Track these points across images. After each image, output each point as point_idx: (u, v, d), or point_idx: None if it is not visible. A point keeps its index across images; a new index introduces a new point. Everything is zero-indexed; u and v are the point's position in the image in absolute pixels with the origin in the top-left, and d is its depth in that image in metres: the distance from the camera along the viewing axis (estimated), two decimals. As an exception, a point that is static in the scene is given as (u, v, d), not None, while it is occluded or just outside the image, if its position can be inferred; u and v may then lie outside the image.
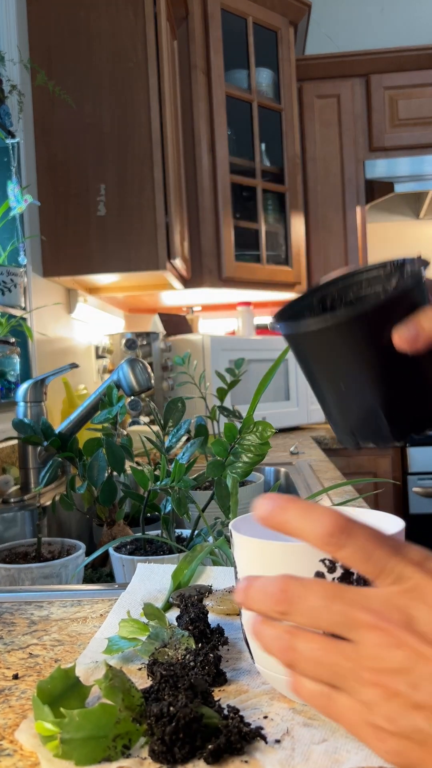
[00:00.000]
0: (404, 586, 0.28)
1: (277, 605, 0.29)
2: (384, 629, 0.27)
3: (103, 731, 0.35)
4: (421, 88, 2.60)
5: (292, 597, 0.29)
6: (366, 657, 0.28)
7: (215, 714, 0.36)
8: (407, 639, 0.27)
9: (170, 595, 0.58)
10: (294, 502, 0.30)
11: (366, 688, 0.28)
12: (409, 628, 0.27)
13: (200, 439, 0.77)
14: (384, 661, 0.27)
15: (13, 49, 1.54)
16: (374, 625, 0.28)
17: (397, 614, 0.28)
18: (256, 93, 2.32)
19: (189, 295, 2.32)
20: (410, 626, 0.27)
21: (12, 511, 1.08)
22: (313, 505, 0.30)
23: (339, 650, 0.28)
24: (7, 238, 1.42)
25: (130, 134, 1.67)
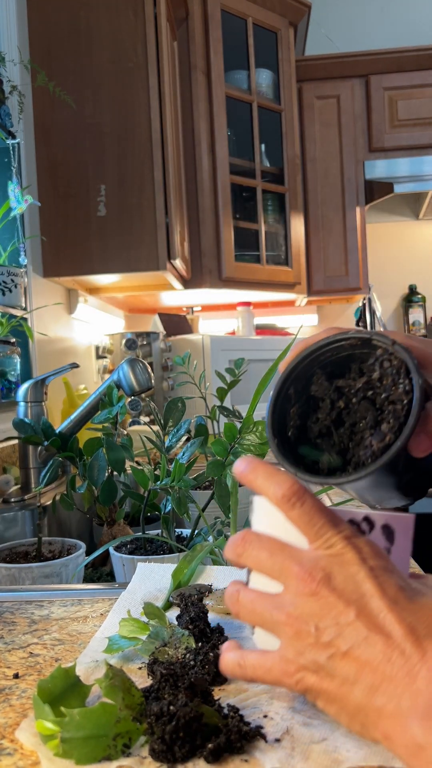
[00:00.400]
0: (331, 551, 0.35)
1: (236, 548, 0.38)
2: (306, 580, 0.34)
3: (104, 730, 0.35)
4: (420, 89, 2.60)
5: (246, 543, 0.37)
6: (288, 603, 0.34)
7: (215, 713, 0.36)
8: (322, 591, 0.33)
9: (170, 595, 0.58)
10: (263, 465, 0.38)
11: (284, 628, 0.34)
12: (327, 583, 0.34)
13: (200, 439, 0.77)
14: (300, 607, 0.34)
15: (13, 49, 1.54)
16: (300, 576, 0.34)
17: (320, 572, 0.34)
18: (255, 93, 2.33)
19: (189, 295, 2.32)
20: (328, 582, 0.34)
21: (12, 510, 1.08)
22: (277, 471, 0.37)
23: (268, 600, 0.36)
24: (7, 239, 1.42)
25: (130, 134, 1.67)
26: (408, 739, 0.30)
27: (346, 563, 0.34)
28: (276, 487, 0.36)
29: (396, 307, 3.06)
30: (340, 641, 0.32)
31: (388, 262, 3.03)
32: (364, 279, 2.65)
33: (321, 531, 0.35)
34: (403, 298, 3.04)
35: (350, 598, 0.33)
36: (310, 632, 0.33)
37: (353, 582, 0.33)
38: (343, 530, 0.35)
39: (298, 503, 0.36)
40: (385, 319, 3.02)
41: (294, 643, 0.34)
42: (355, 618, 0.32)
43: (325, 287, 2.63)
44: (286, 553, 0.36)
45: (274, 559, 0.36)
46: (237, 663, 0.37)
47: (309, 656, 0.33)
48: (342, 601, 0.33)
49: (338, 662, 0.32)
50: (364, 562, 0.34)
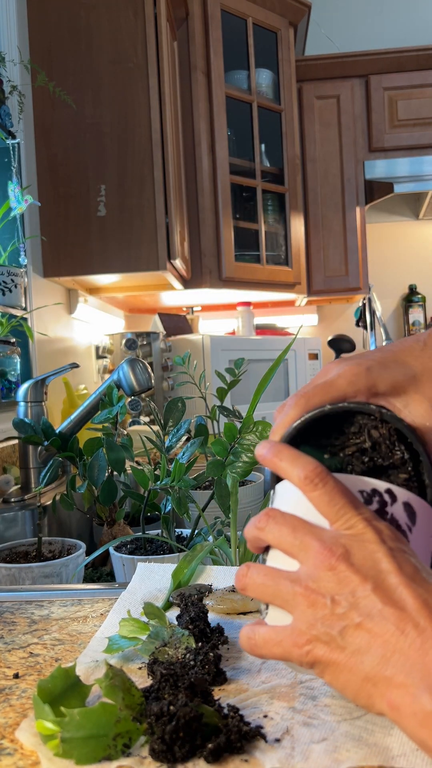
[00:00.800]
0: (351, 531, 0.35)
1: (259, 522, 0.38)
2: (325, 555, 0.35)
3: (104, 730, 0.35)
4: (420, 89, 2.60)
5: (270, 518, 0.38)
6: (304, 576, 0.35)
7: (215, 713, 0.36)
8: (340, 566, 0.34)
9: (170, 595, 0.58)
10: (287, 449, 0.39)
11: (299, 598, 0.35)
12: (345, 558, 0.34)
13: (200, 438, 0.77)
14: (317, 581, 0.34)
15: (13, 49, 1.54)
16: (319, 551, 0.35)
17: (340, 548, 0.35)
18: (255, 94, 2.33)
19: (189, 295, 2.32)
20: (347, 557, 0.34)
21: (12, 510, 1.08)
22: (301, 454, 0.38)
23: (283, 574, 0.36)
24: (7, 239, 1.42)
25: (130, 134, 1.67)
26: (418, 707, 0.30)
27: (365, 542, 0.35)
28: (299, 469, 0.37)
29: (396, 307, 3.06)
30: (354, 613, 0.33)
31: (388, 262, 3.03)
32: (364, 279, 2.65)
33: (341, 512, 0.36)
34: (403, 298, 3.04)
35: (367, 574, 0.34)
36: (325, 604, 0.34)
37: (371, 559, 0.34)
38: (364, 512, 0.36)
39: (320, 484, 0.36)
40: (385, 319, 3.03)
41: (308, 614, 0.34)
42: (371, 592, 0.33)
43: (325, 287, 2.63)
44: (308, 530, 0.36)
45: (296, 534, 0.36)
46: (247, 636, 0.37)
47: (321, 627, 0.34)
48: (359, 575, 0.34)
49: (350, 633, 0.33)
50: (383, 543, 0.35)
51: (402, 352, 0.42)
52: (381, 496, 0.38)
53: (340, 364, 0.42)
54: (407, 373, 0.41)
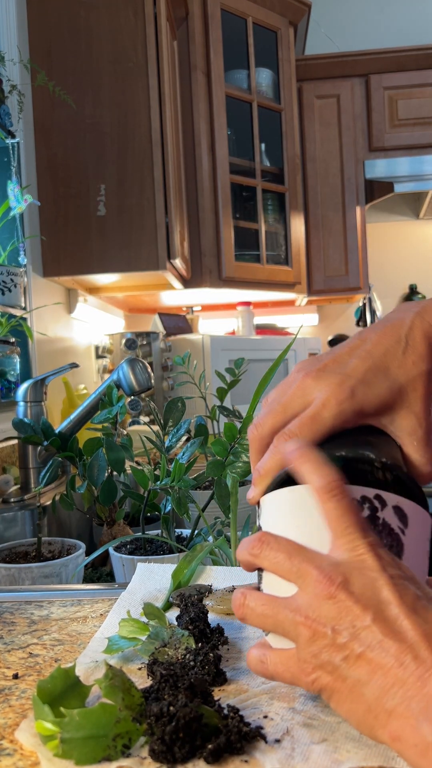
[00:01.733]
0: (352, 555, 0.35)
1: (252, 549, 0.38)
2: (324, 584, 0.34)
3: (103, 731, 0.35)
4: (420, 88, 2.60)
5: (264, 544, 0.37)
6: (304, 605, 0.35)
7: (215, 713, 0.36)
8: (340, 595, 0.34)
9: (170, 595, 0.58)
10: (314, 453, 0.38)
11: (300, 628, 0.35)
12: (345, 587, 0.34)
13: (200, 438, 0.77)
14: (317, 610, 0.34)
15: (13, 49, 1.54)
16: (318, 579, 0.34)
17: (339, 576, 0.34)
18: (255, 93, 2.33)
19: (189, 295, 2.32)
20: (346, 586, 0.34)
21: (12, 510, 1.08)
22: (327, 463, 0.38)
23: (282, 603, 0.36)
24: (7, 238, 1.42)
25: (130, 134, 1.67)
26: (419, 738, 0.30)
27: (366, 569, 0.34)
28: (321, 477, 0.37)
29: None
30: (355, 644, 0.33)
31: (389, 262, 3.03)
32: (364, 279, 2.65)
33: (348, 530, 0.35)
34: (404, 298, 3.04)
35: (368, 604, 0.33)
36: (326, 634, 0.34)
37: (371, 588, 0.34)
38: (369, 537, 0.35)
39: (337, 497, 0.36)
40: (385, 319, 3.02)
41: (310, 644, 0.34)
42: (371, 622, 0.33)
43: (325, 287, 2.63)
44: (305, 556, 0.36)
45: (293, 561, 0.36)
46: (259, 660, 0.38)
47: (324, 657, 0.34)
48: (359, 605, 0.33)
49: (352, 664, 0.33)
50: (383, 570, 0.34)
51: (384, 357, 0.41)
52: (371, 502, 0.37)
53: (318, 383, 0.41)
54: (392, 387, 0.41)
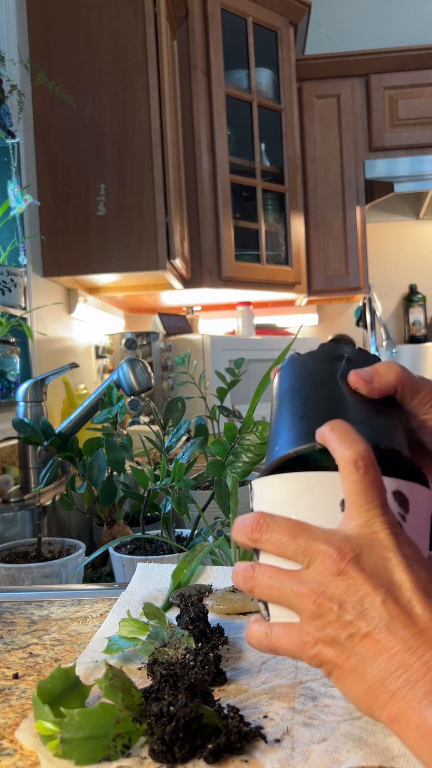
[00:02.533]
0: (366, 530, 0.34)
1: (252, 533, 0.36)
2: (335, 559, 0.33)
3: (103, 731, 0.35)
4: (420, 88, 2.60)
5: (263, 526, 0.36)
6: (312, 580, 0.34)
7: (215, 713, 0.36)
8: (351, 571, 0.33)
9: (170, 595, 0.58)
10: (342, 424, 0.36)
11: (305, 601, 0.33)
12: (356, 563, 0.33)
13: (200, 438, 0.77)
14: (326, 584, 0.33)
15: (13, 48, 1.54)
16: (328, 554, 0.33)
17: (350, 551, 0.33)
18: (255, 93, 2.32)
19: (189, 295, 2.32)
20: (357, 562, 0.33)
21: (12, 510, 1.08)
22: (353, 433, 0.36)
23: (289, 575, 0.35)
24: (7, 238, 1.42)
25: (130, 134, 1.67)
26: (421, 721, 0.30)
27: (379, 545, 0.33)
28: (349, 447, 0.35)
29: (396, 306, 3.06)
30: (363, 623, 0.32)
31: (389, 262, 3.03)
32: (364, 278, 2.65)
33: (369, 505, 0.34)
34: (404, 298, 3.04)
35: (380, 582, 0.32)
36: (332, 609, 0.33)
37: (384, 567, 0.33)
38: (389, 515, 0.34)
39: (363, 469, 0.34)
40: (386, 319, 3.02)
41: (315, 619, 0.33)
42: (382, 603, 0.32)
43: (325, 287, 2.63)
44: (310, 533, 0.35)
45: (297, 541, 0.35)
46: (264, 633, 0.36)
47: (329, 632, 0.33)
48: (370, 583, 0.32)
49: (357, 642, 0.32)
50: (399, 549, 0.33)
51: None
52: None
53: None
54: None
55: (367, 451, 0.35)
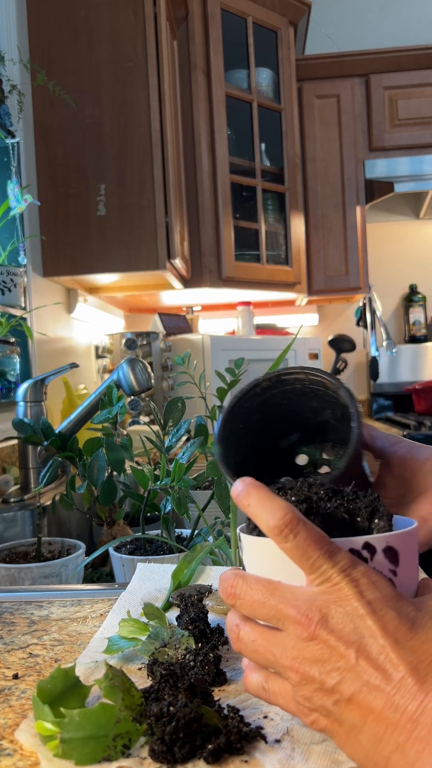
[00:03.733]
0: (326, 587, 0.33)
1: (228, 598, 0.36)
2: (304, 624, 0.33)
3: (103, 731, 0.35)
4: (420, 88, 2.60)
5: (237, 593, 0.36)
6: (290, 647, 0.33)
7: (215, 714, 0.36)
8: (322, 634, 0.32)
9: (170, 595, 0.58)
10: (257, 490, 0.36)
11: (288, 672, 0.33)
12: (325, 624, 0.32)
13: (200, 438, 0.77)
14: (303, 651, 0.33)
15: (13, 48, 1.54)
16: (296, 620, 0.33)
17: (316, 613, 0.33)
18: (255, 93, 2.32)
19: (189, 294, 2.32)
20: (325, 623, 0.32)
21: (12, 510, 1.08)
22: (272, 497, 0.35)
23: (272, 640, 0.34)
24: (7, 238, 1.42)
25: (130, 134, 1.67)
26: None
27: (343, 600, 0.33)
28: (269, 515, 0.34)
29: (396, 306, 3.06)
30: (344, 686, 0.32)
31: (389, 262, 3.03)
32: (364, 278, 2.65)
33: (316, 564, 0.33)
34: (404, 298, 3.04)
35: (350, 639, 0.32)
36: (314, 677, 0.32)
37: (352, 621, 0.32)
38: (340, 561, 0.34)
39: (291, 535, 0.34)
40: (386, 319, 3.02)
41: (301, 688, 0.33)
42: (356, 662, 0.31)
43: (325, 287, 2.63)
44: (279, 595, 0.34)
45: (269, 603, 0.34)
46: (261, 686, 0.36)
47: (317, 701, 0.33)
48: (342, 642, 0.32)
49: (344, 708, 0.32)
50: (361, 597, 0.32)
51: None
52: (360, 554, 0.35)
53: None
54: None
55: (288, 513, 0.34)
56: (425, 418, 2.51)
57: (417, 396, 2.67)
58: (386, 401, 2.91)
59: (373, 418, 2.91)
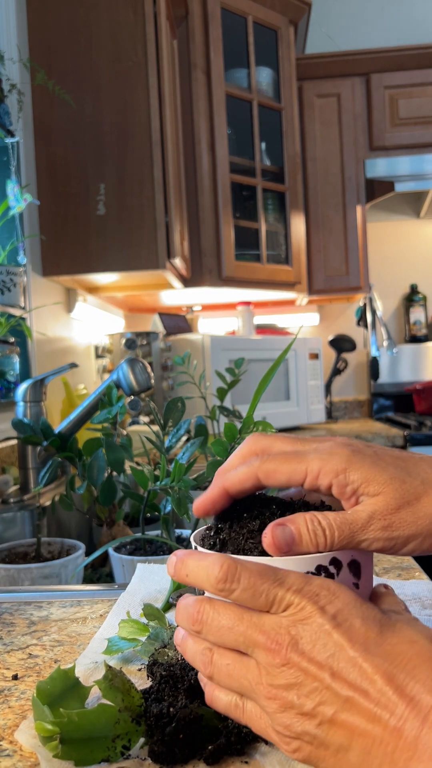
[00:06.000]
0: (290, 611, 0.32)
1: (194, 625, 0.34)
2: (275, 650, 0.32)
3: (103, 732, 0.35)
4: (421, 87, 2.60)
5: (204, 619, 0.34)
6: (264, 673, 0.32)
7: (215, 715, 0.36)
8: (293, 658, 0.31)
9: (170, 596, 0.58)
10: (189, 556, 0.35)
11: (265, 701, 0.32)
12: (295, 648, 0.31)
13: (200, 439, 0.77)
14: (276, 678, 0.31)
15: (12, 48, 1.53)
16: (267, 647, 0.32)
17: (285, 637, 0.32)
18: (256, 92, 2.32)
19: (189, 294, 2.32)
20: (296, 646, 0.31)
21: (11, 511, 1.08)
22: (204, 556, 0.34)
23: (246, 666, 0.33)
24: (6, 238, 1.42)
25: (130, 134, 1.67)
26: None
27: (307, 619, 0.32)
28: (208, 576, 0.33)
29: (397, 306, 3.05)
30: (324, 708, 0.31)
31: (389, 262, 3.03)
32: (364, 278, 2.65)
33: (269, 596, 0.32)
34: (404, 298, 3.04)
35: (321, 658, 0.31)
36: (293, 702, 0.31)
37: (321, 639, 0.31)
38: (292, 584, 0.33)
39: (234, 584, 0.33)
40: (386, 319, 3.02)
41: (280, 716, 0.32)
42: (331, 680, 0.30)
43: (325, 286, 2.63)
44: (246, 621, 0.33)
45: (237, 630, 0.33)
46: (234, 703, 0.34)
47: (298, 728, 0.31)
48: (314, 664, 0.31)
49: (328, 730, 0.31)
50: (323, 612, 0.32)
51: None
52: (327, 570, 0.35)
53: None
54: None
55: (224, 563, 0.33)
56: (426, 418, 2.51)
57: (417, 396, 2.67)
58: (387, 401, 2.91)
59: (374, 418, 2.91)
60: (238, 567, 0.33)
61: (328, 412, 2.75)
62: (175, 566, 0.36)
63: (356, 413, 2.98)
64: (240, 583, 0.33)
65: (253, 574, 0.33)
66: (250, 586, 0.33)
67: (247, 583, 0.33)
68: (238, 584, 0.33)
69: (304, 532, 0.35)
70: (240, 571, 0.33)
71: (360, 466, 0.37)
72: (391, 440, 2.23)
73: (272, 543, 0.35)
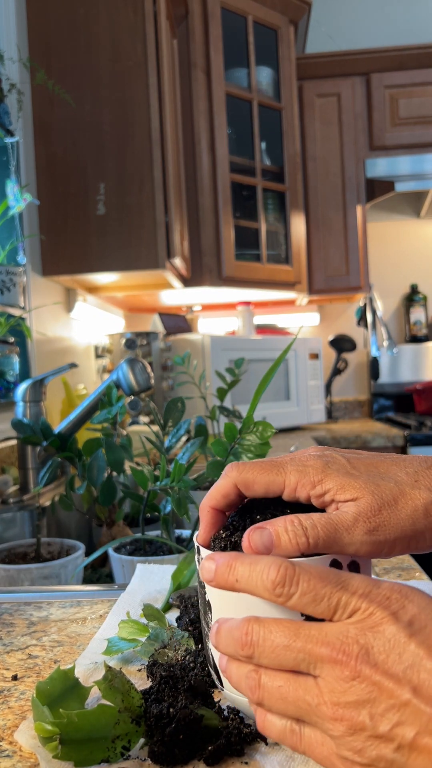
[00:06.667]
0: (357, 617, 0.29)
1: (243, 649, 0.31)
2: (343, 662, 0.28)
3: (103, 732, 0.35)
4: (421, 87, 2.60)
5: (255, 640, 0.30)
6: (328, 691, 0.28)
7: (215, 715, 0.36)
8: (365, 670, 0.28)
9: (170, 596, 0.57)
10: (238, 560, 0.32)
11: (330, 723, 0.28)
12: (366, 659, 0.28)
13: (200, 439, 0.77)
14: (345, 695, 0.28)
15: (12, 47, 1.53)
16: (334, 659, 0.28)
17: (354, 646, 0.28)
18: (256, 91, 2.32)
19: (189, 294, 2.32)
20: (367, 657, 0.28)
21: (11, 511, 1.08)
22: (256, 559, 0.31)
23: (303, 686, 0.29)
24: (6, 238, 1.42)
25: (130, 133, 1.67)
26: None
27: (378, 626, 0.28)
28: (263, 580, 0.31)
29: (397, 306, 3.05)
30: (403, 729, 0.27)
31: (389, 261, 3.02)
32: (365, 278, 2.65)
33: (331, 601, 0.29)
34: (405, 298, 3.04)
35: (398, 671, 0.27)
36: (365, 723, 0.27)
37: (395, 650, 0.28)
38: (357, 587, 0.30)
39: (293, 587, 0.30)
40: (386, 319, 3.02)
41: (349, 740, 0.28)
42: (412, 696, 0.27)
43: (325, 286, 2.63)
44: (305, 636, 0.29)
45: (294, 647, 0.29)
46: (290, 728, 0.30)
47: (372, 752, 0.27)
48: (390, 677, 0.27)
49: (407, 753, 0.27)
50: (396, 619, 0.28)
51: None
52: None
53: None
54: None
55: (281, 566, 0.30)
56: (426, 418, 2.50)
57: (418, 396, 2.67)
58: (387, 401, 2.91)
59: (374, 418, 2.90)
60: (297, 569, 0.30)
61: (328, 412, 2.75)
62: (217, 571, 0.33)
63: (356, 413, 2.98)
64: (299, 587, 0.30)
65: (314, 577, 0.30)
66: (310, 590, 0.30)
67: (307, 587, 0.30)
68: (297, 588, 0.30)
69: (282, 533, 0.34)
70: (299, 574, 0.30)
71: (335, 475, 0.36)
72: (391, 440, 2.23)
73: (249, 547, 0.34)
